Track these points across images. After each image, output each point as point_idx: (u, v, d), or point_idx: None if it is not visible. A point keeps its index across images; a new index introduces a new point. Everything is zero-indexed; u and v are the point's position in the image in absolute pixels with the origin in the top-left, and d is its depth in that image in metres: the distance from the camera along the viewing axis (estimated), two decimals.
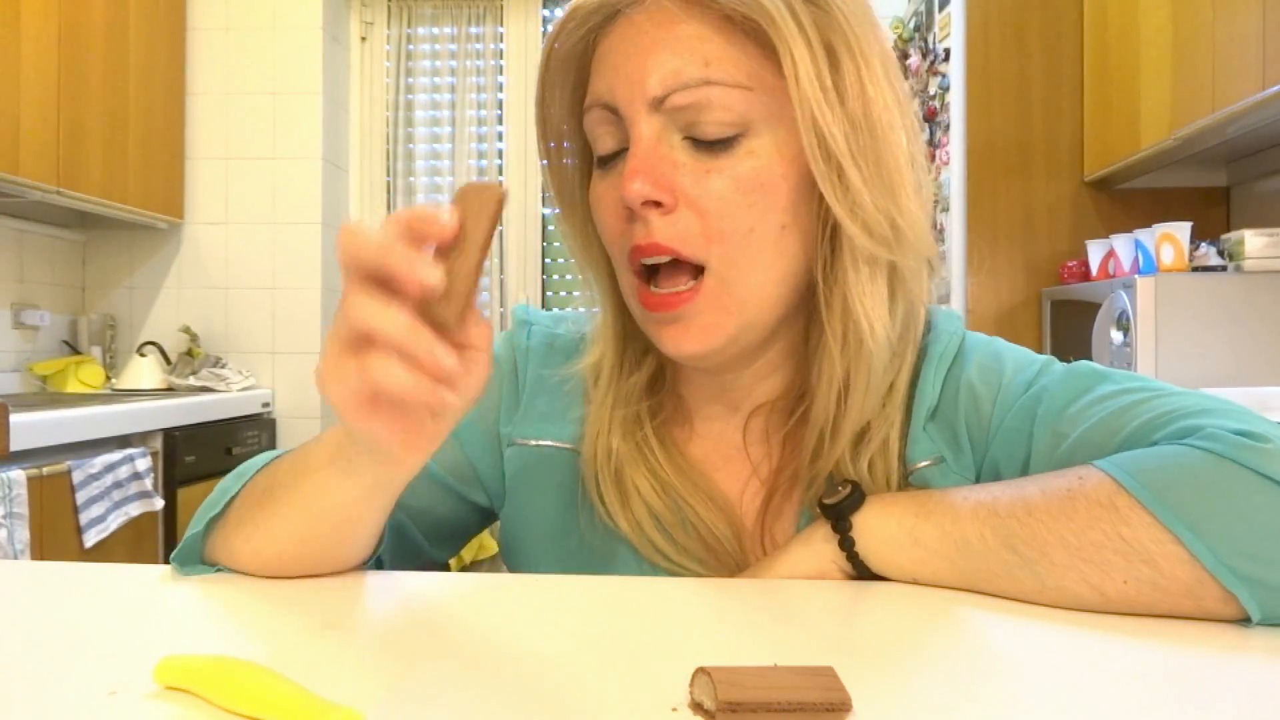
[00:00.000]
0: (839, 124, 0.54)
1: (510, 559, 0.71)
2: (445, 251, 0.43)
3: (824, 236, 0.58)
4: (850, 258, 0.57)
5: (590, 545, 0.65)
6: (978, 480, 0.61)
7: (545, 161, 0.66)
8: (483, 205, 0.44)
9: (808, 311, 0.62)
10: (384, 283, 0.42)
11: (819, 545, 0.58)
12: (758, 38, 0.55)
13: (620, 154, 0.59)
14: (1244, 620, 0.48)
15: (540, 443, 0.68)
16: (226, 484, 0.61)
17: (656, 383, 0.67)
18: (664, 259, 0.57)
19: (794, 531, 0.62)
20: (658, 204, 0.55)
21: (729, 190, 0.56)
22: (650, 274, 0.58)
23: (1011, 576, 0.51)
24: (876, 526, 0.56)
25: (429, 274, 0.41)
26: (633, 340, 0.66)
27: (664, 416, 0.67)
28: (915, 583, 0.55)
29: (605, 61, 0.59)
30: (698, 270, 0.57)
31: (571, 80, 0.63)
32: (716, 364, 0.63)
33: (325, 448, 0.54)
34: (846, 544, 0.56)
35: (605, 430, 0.64)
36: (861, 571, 0.57)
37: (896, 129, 0.56)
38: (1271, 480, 0.47)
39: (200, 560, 0.60)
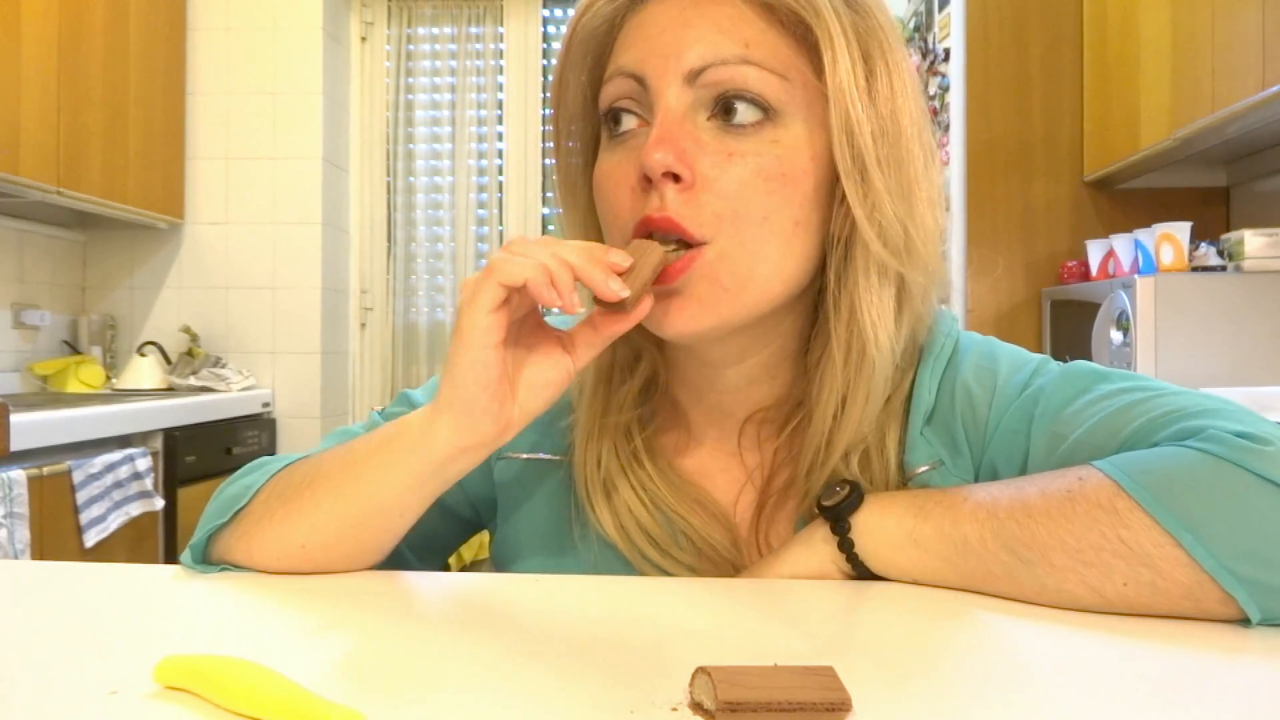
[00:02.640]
0: (869, 124, 0.55)
1: (503, 570, 0.70)
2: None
3: (839, 241, 0.57)
4: (863, 264, 0.57)
5: (584, 557, 0.64)
6: (976, 481, 0.61)
7: (553, 148, 0.66)
8: (648, 252, 0.54)
9: (810, 320, 0.62)
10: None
11: (818, 546, 0.58)
12: (795, 31, 0.56)
13: (636, 130, 0.58)
14: (1243, 621, 0.48)
15: (530, 455, 0.68)
16: (248, 480, 0.61)
17: (649, 389, 0.66)
18: (671, 238, 0.55)
19: (790, 537, 0.62)
20: (676, 179, 0.54)
21: (749, 175, 0.55)
22: None
23: (1011, 578, 0.51)
24: (875, 527, 0.56)
25: (619, 288, 0.51)
26: (624, 344, 0.64)
27: (656, 425, 0.66)
28: (915, 583, 0.55)
29: (635, 34, 0.58)
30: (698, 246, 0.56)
31: (590, 60, 0.62)
32: (707, 351, 0.62)
33: (376, 441, 0.57)
34: (846, 545, 0.56)
35: (595, 440, 0.64)
36: (861, 572, 0.57)
37: (916, 142, 0.57)
38: (1272, 483, 0.47)
39: (204, 560, 0.60)
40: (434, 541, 0.71)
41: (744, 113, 0.55)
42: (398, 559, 0.68)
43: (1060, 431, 0.57)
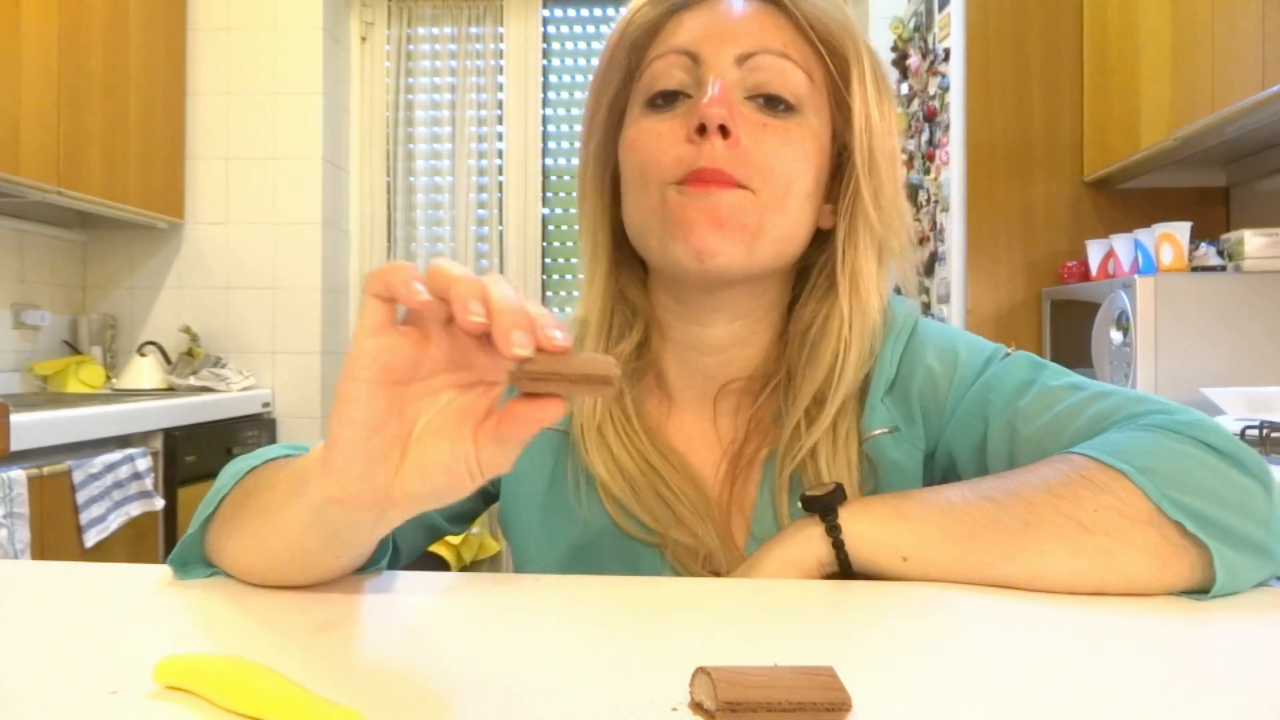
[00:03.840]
0: (880, 127, 0.68)
1: (506, 532, 0.76)
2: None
3: (846, 217, 0.69)
4: (864, 235, 0.68)
5: (576, 519, 0.70)
6: (930, 453, 0.70)
7: (585, 128, 0.73)
8: (596, 363, 0.39)
9: (794, 294, 0.72)
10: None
11: (802, 541, 0.59)
12: (821, 50, 0.68)
13: (682, 100, 0.66)
14: (1200, 593, 0.53)
15: None
16: (221, 482, 0.61)
17: (641, 351, 0.73)
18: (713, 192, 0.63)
19: (757, 500, 0.68)
20: (726, 134, 0.63)
21: (779, 144, 0.65)
22: None
23: (995, 522, 0.55)
24: (860, 513, 0.59)
25: (520, 343, 0.37)
26: (621, 305, 0.73)
27: (641, 389, 0.72)
28: (904, 563, 0.56)
29: (689, 23, 0.68)
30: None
31: (639, 46, 0.70)
32: (702, 299, 0.69)
33: (286, 473, 0.53)
34: (833, 530, 0.57)
35: None
36: (844, 566, 0.58)
37: (898, 162, 0.70)
38: (1201, 442, 0.56)
39: (200, 560, 0.60)
40: (456, 508, 0.75)
41: (778, 97, 0.66)
42: (428, 522, 0.74)
43: (1014, 424, 0.65)
